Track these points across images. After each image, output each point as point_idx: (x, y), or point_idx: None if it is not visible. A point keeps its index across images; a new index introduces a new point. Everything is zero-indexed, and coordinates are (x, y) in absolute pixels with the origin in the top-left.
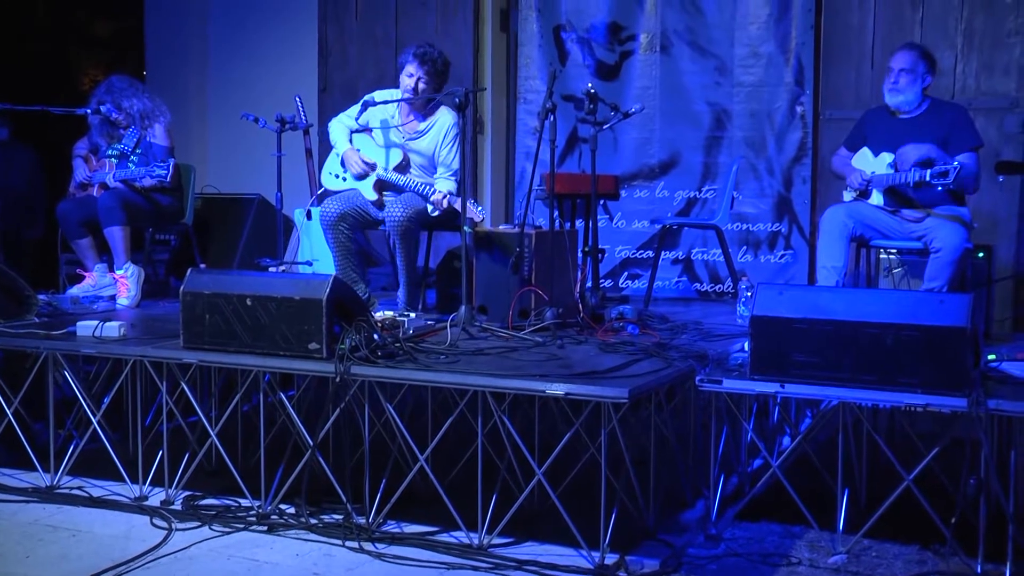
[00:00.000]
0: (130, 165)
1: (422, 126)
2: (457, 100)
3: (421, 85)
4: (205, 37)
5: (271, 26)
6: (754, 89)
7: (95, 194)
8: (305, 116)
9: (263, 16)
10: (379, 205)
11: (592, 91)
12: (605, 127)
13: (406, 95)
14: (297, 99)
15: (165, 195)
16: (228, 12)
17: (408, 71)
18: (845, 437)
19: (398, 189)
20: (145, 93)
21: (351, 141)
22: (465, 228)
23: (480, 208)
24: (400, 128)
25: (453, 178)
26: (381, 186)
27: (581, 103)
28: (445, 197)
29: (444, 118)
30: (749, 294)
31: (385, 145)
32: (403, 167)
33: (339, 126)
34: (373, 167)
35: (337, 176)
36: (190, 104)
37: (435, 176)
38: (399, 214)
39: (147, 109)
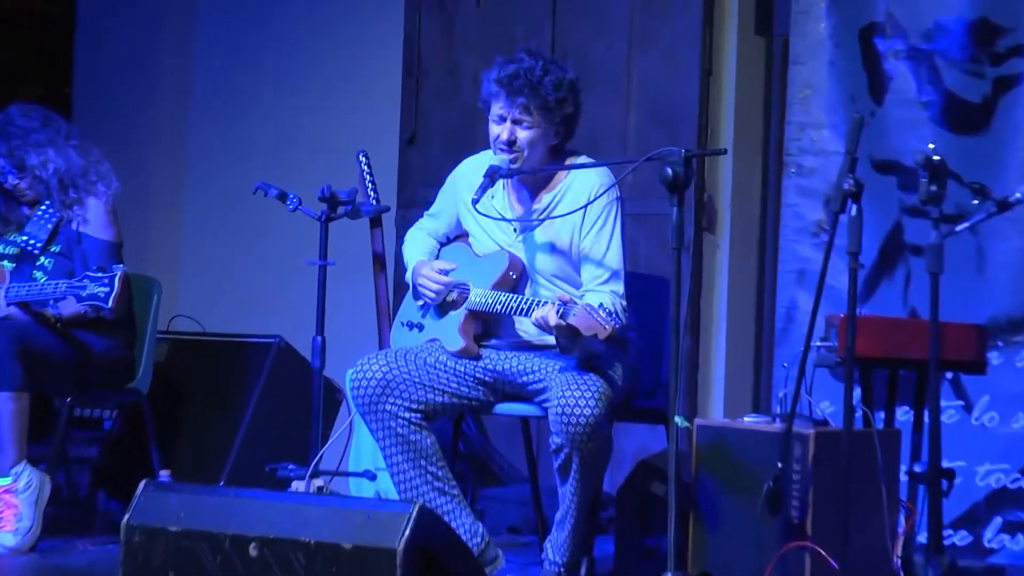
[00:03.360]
0: (37, 274)
1: (543, 200)
2: (668, 172)
3: (523, 134)
4: (187, 33)
5: (312, 15)
6: None
7: None
8: (375, 191)
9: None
10: (469, 354)
11: (935, 157)
12: (960, 227)
13: (500, 158)
14: (361, 159)
15: (102, 335)
16: None
17: (496, 113)
18: None
19: (493, 325)
20: (71, 140)
21: (438, 256)
22: (676, 420)
23: (612, 317)
24: (510, 222)
25: (612, 282)
26: (477, 328)
27: (911, 178)
28: (556, 308)
29: (581, 178)
30: None
31: (486, 253)
32: (511, 282)
33: (418, 237)
34: (463, 288)
35: (411, 326)
36: (154, 162)
37: (583, 287)
38: (584, 408)
39: (74, 170)
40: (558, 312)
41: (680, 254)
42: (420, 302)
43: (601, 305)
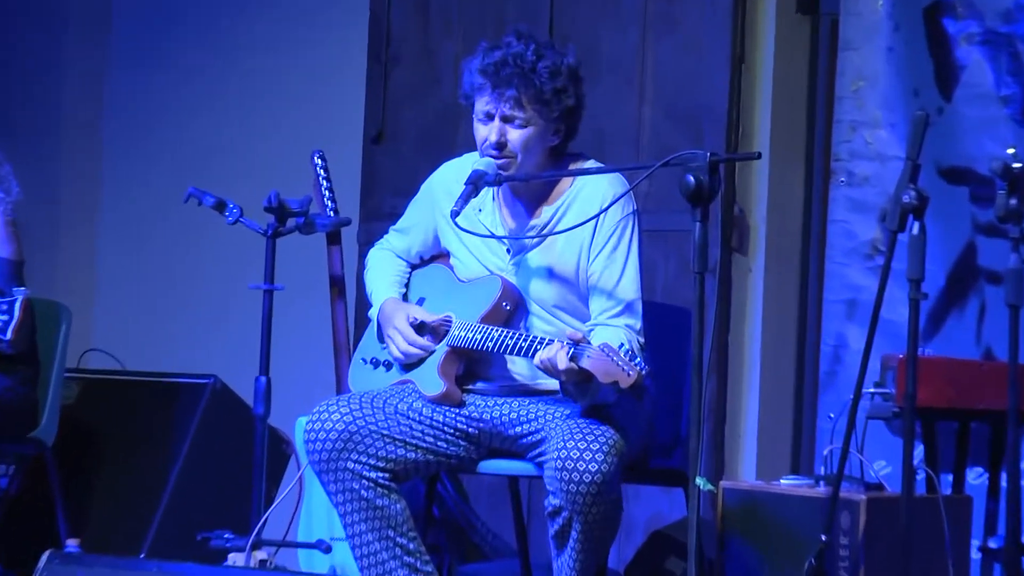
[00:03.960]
0: None
1: (543, 214)
2: (691, 181)
3: (515, 135)
4: (99, 11)
5: None
6: None
7: None
8: (333, 200)
9: None
10: (450, 400)
11: (1016, 164)
12: None
13: (486, 162)
14: (316, 161)
15: None
16: None
17: (481, 110)
18: None
19: (479, 365)
20: None
21: (407, 286)
22: (697, 482)
23: (638, 361)
24: (501, 240)
25: (626, 315)
26: (459, 369)
27: (987, 188)
28: (564, 349)
29: (591, 187)
30: None
31: (473, 279)
32: (503, 315)
33: (384, 259)
34: (444, 320)
35: (376, 364)
36: (63, 168)
37: (590, 321)
38: (589, 463)
39: None
40: (568, 354)
41: (704, 279)
42: None
43: (621, 346)
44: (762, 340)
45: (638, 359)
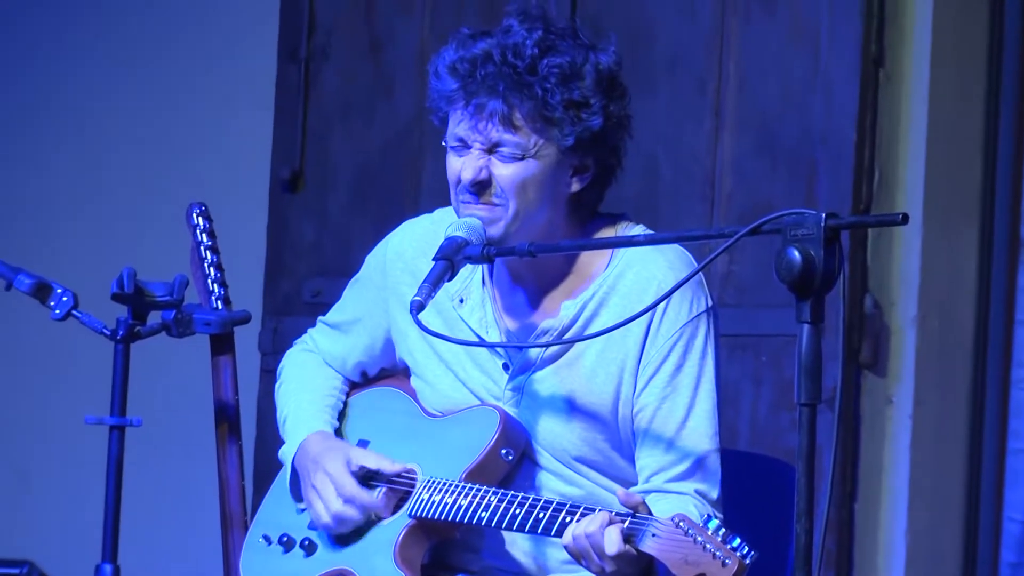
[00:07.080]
0: None
1: (563, 313)
2: (796, 258)
3: (506, 171)
4: None
5: None
6: None
7: None
8: (221, 284)
9: None
10: None
11: None
12: None
13: (469, 223)
14: (195, 220)
15: None
16: None
17: (455, 133)
18: None
19: (457, 547)
20: None
21: (343, 412)
22: None
23: (738, 544)
24: (494, 349)
25: (698, 477)
26: (424, 554)
27: None
28: (617, 523)
29: (641, 269)
30: None
31: (451, 411)
32: (500, 468)
33: (308, 366)
34: (406, 479)
35: (287, 544)
36: None
37: (638, 485)
38: None
39: None
40: (624, 529)
41: (815, 415)
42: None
43: (709, 519)
44: (909, 515)
45: (737, 540)
